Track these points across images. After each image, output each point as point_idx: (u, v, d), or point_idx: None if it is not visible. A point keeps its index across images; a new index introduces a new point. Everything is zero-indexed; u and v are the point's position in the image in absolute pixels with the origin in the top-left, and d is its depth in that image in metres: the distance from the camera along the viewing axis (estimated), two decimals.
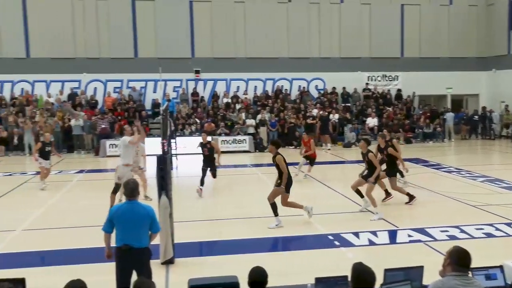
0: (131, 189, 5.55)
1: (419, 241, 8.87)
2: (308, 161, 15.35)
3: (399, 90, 28.10)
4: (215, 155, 13.12)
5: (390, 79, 28.42)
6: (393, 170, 11.88)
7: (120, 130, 20.85)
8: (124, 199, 5.81)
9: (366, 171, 11.04)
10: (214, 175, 13.26)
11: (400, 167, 12.61)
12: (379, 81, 28.31)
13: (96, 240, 8.98)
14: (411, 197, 11.67)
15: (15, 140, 21.96)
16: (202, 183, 12.78)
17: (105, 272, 6.17)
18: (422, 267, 4.86)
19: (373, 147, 12.06)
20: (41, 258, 8.54)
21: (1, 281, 3.75)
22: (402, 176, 13.43)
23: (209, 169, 13.05)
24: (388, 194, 11.86)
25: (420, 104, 27.85)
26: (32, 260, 8.32)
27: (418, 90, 28.03)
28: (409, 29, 28.19)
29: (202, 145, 13.15)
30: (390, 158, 11.81)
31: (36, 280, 6.00)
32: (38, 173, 15.17)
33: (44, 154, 13.78)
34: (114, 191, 10.74)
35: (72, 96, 24.86)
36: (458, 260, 3.98)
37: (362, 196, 11.06)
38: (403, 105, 27.19)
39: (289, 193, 9.90)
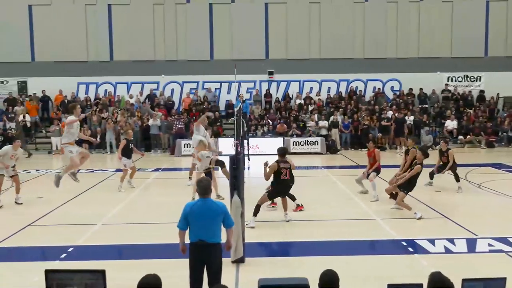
0: (204, 187, 5.73)
1: (501, 251, 8.37)
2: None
3: (481, 91, 26.68)
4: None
5: (472, 79, 27.06)
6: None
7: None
8: (197, 197, 5.96)
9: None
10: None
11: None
12: (460, 82, 27.05)
13: (170, 236, 9.32)
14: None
15: (98, 139, 23.16)
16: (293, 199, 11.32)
17: (179, 267, 6.36)
18: (504, 278, 4.57)
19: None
20: (118, 252, 8.96)
21: (82, 272, 3.97)
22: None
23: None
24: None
25: (505, 106, 26.26)
26: (110, 254, 8.76)
27: (503, 91, 26.45)
28: (494, 26, 26.68)
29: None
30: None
31: (113, 273, 6.30)
32: (118, 170, 15.92)
33: (127, 152, 14.10)
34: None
35: (151, 97, 25.93)
36: None
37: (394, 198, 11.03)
38: (485, 107, 25.79)
39: (270, 199, 10.25)
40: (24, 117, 24.17)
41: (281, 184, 10.24)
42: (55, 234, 9.86)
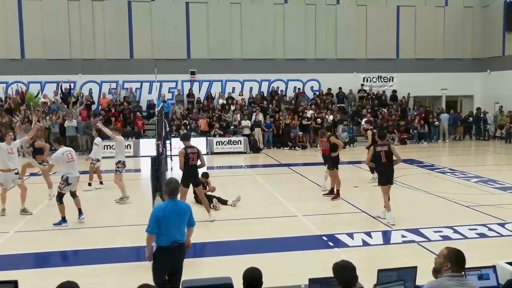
0: (174, 188, 5.77)
1: (413, 241, 8.90)
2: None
3: (394, 91, 28.19)
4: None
5: (386, 80, 28.51)
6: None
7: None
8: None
9: None
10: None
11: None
12: (375, 82, 28.40)
13: (79, 242, 9.00)
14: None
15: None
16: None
17: (94, 273, 6.14)
18: (415, 267, 4.87)
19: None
20: (33, 260, 8.51)
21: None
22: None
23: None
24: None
25: (415, 105, 27.94)
26: (25, 263, 8.29)
27: (413, 91, 28.12)
28: (404, 31, 28.29)
29: None
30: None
31: (28, 283, 5.98)
32: (33, 174, 15.08)
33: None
34: None
35: (65, 96, 24.69)
36: (457, 261, 4.01)
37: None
38: (398, 106, 27.26)
39: (187, 187, 10.22)
40: None
41: (190, 170, 10.15)
42: None
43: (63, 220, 10.14)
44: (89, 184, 14.25)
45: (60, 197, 10.09)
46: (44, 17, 24.89)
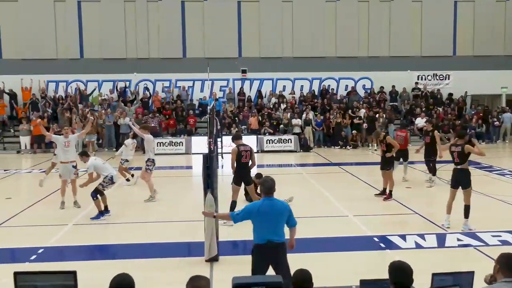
0: (269, 187, 5.72)
1: (470, 245, 8.58)
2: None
3: (450, 89, 27.25)
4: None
5: (441, 78, 27.63)
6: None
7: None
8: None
9: None
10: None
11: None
12: (430, 80, 27.59)
13: (142, 236, 9.26)
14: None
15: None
16: None
17: (153, 267, 6.26)
18: (472, 272, 4.68)
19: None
20: (90, 252, 8.84)
21: (53, 273, 3.89)
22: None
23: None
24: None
25: (473, 104, 26.91)
26: (82, 254, 8.63)
27: (470, 90, 27.07)
28: (462, 27, 27.29)
29: None
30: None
31: (85, 274, 6.20)
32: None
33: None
34: None
35: (122, 94, 25.52)
36: (508, 266, 3.84)
37: None
38: (454, 105, 26.35)
39: (238, 186, 10.20)
40: None
41: (242, 168, 10.16)
42: (25, 235, 9.65)
43: (101, 213, 10.54)
44: (127, 180, 14.65)
45: (96, 193, 10.48)
46: (101, 18, 25.79)
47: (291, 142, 22.75)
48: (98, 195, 10.48)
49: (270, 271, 5.64)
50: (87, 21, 25.84)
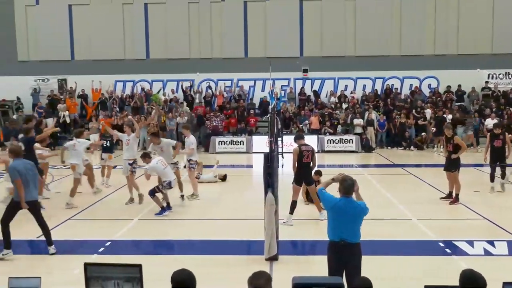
0: (349, 186, 5.72)
1: None
2: None
3: None
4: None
5: None
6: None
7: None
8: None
9: None
10: None
11: None
12: (501, 79, 26.24)
13: (206, 233, 9.43)
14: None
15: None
16: None
17: (216, 264, 6.33)
18: None
19: None
20: (154, 247, 9.10)
21: (120, 266, 4.03)
22: None
23: None
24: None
25: None
26: (147, 248, 8.90)
27: None
28: None
29: None
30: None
31: (149, 267, 6.41)
32: None
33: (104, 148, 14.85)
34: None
35: (186, 94, 26.15)
36: None
37: None
38: None
39: (299, 186, 10.18)
40: (63, 116, 24.70)
41: (304, 168, 10.11)
42: (93, 228, 10.12)
43: (163, 209, 10.80)
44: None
45: (154, 192, 10.80)
46: (166, 19, 26.55)
47: (352, 142, 22.39)
48: (155, 194, 10.82)
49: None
50: (153, 22, 26.71)
